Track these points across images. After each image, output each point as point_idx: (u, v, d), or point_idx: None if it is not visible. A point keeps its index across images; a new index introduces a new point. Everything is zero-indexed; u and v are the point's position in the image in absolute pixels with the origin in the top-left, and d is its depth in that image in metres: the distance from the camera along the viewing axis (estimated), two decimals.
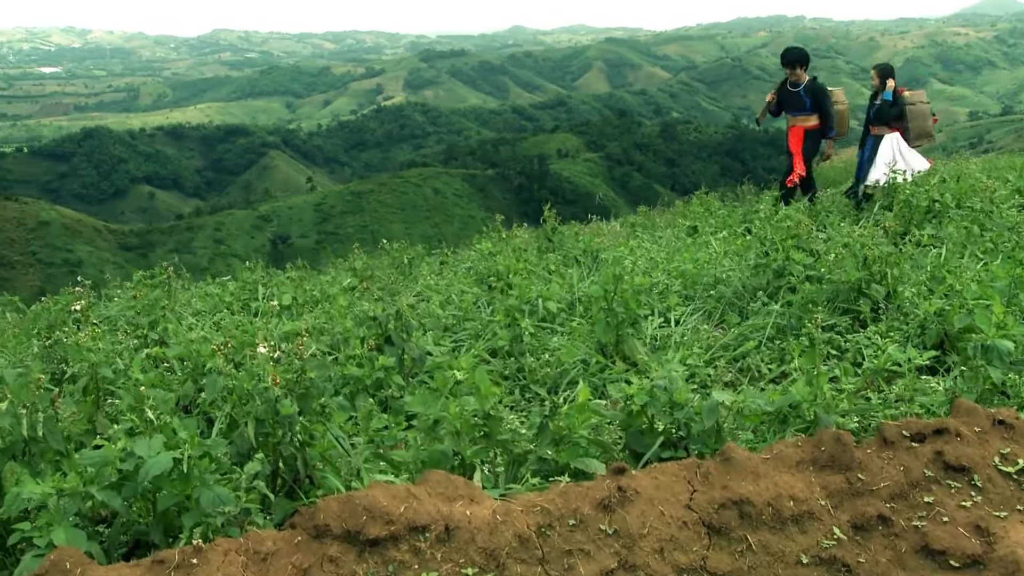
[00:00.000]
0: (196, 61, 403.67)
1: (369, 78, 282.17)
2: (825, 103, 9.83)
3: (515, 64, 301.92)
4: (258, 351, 3.04)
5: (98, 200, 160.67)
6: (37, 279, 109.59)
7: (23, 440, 2.82)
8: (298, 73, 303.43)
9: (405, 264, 8.20)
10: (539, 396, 4.59)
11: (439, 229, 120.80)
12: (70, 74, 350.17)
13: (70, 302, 6.27)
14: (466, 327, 5.73)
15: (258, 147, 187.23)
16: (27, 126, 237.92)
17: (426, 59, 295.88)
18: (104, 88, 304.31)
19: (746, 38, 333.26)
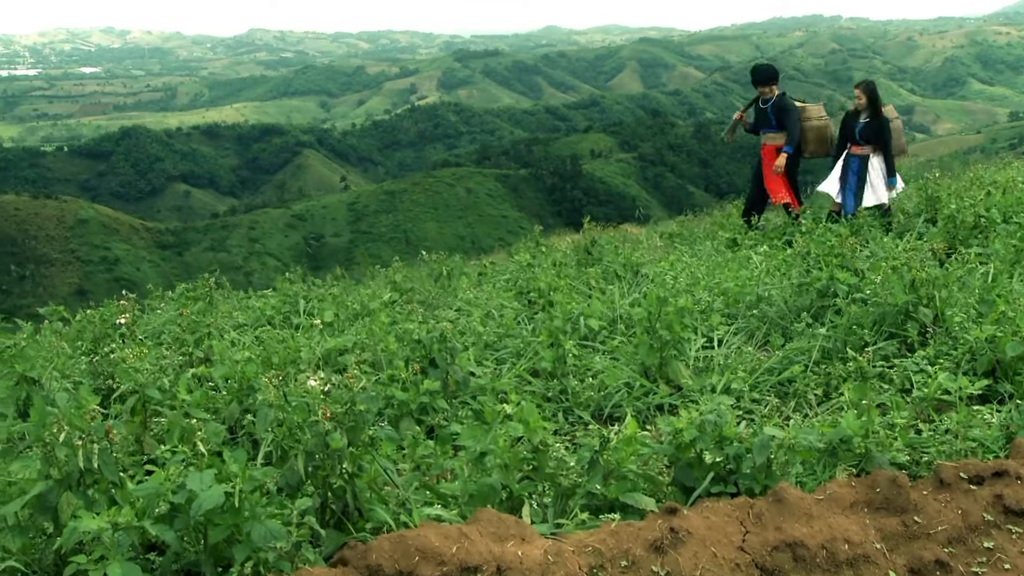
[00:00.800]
0: (232, 61, 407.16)
1: (403, 78, 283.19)
2: (786, 119, 9.47)
3: (549, 64, 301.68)
4: (309, 384, 3.04)
5: (135, 198, 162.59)
6: (76, 276, 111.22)
7: (79, 471, 2.85)
8: (333, 73, 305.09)
9: (444, 276, 8.21)
10: (582, 420, 4.57)
11: (472, 229, 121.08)
12: (109, 74, 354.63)
13: (115, 315, 6.33)
14: (507, 344, 5.72)
15: (293, 146, 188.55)
16: (67, 125, 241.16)
17: (460, 59, 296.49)
18: (142, 88, 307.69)
19: (781, 38, 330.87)
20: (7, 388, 4.56)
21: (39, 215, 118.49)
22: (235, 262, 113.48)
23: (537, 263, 8.33)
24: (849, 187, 9.35)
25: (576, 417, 4.64)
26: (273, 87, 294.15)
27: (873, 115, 9.23)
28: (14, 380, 4.60)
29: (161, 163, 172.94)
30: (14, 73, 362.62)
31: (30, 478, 2.88)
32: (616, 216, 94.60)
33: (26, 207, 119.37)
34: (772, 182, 9.64)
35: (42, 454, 2.87)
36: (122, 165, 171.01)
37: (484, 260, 26.30)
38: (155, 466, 3.97)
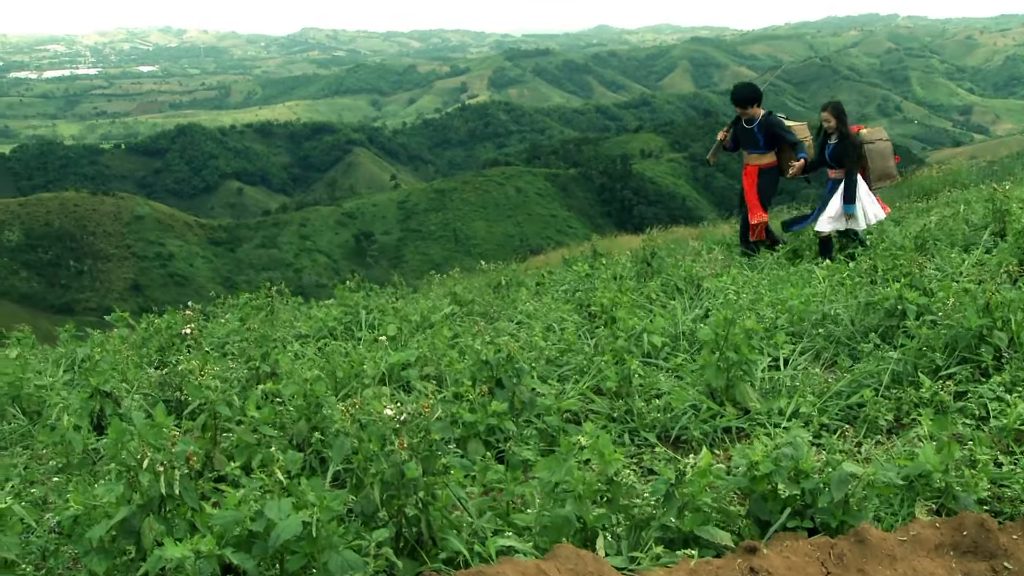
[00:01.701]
0: (285, 59, 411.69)
1: (454, 76, 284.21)
2: (785, 136, 9.19)
3: (599, 63, 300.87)
4: (384, 413, 3.06)
5: (189, 195, 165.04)
6: (131, 272, 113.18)
7: (160, 496, 2.89)
8: (384, 71, 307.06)
9: (503, 286, 8.21)
10: (648, 442, 4.54)
11: (521, 228, 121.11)
12: (166, 73, 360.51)
13: (180, 324, 6.42)
14: (569, 361, 5.70)
15: (344, 144, 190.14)
16: (125, 123, 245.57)
17: (511, 58, 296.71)
18: (197, 86, 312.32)
19: (836, 37, 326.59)
20: (82, 400, 4.64)
21: (97, 211, 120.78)
22: (286, 259, 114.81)
23: (596, 274, 8.30)
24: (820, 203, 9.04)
25: (642, 439, 4.61)
26: (325, 85, 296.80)
27: (840, 137, 8.81)
28: (88, 392, 4.68)
29: (215, 161, 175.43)
30: (75, 72, 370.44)
31: (113, 501, 2.93)
32: (665, 216, 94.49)
33: (85, 203, 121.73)
34: (752, 199, 9.35)
35: (125, 479, 2.91)
36: (177, 162, 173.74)
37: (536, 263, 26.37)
38: (224, 483, 4.02)
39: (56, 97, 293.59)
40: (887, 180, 9.20)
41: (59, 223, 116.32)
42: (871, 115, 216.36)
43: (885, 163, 9.01)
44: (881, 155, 9.00)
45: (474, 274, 9.16)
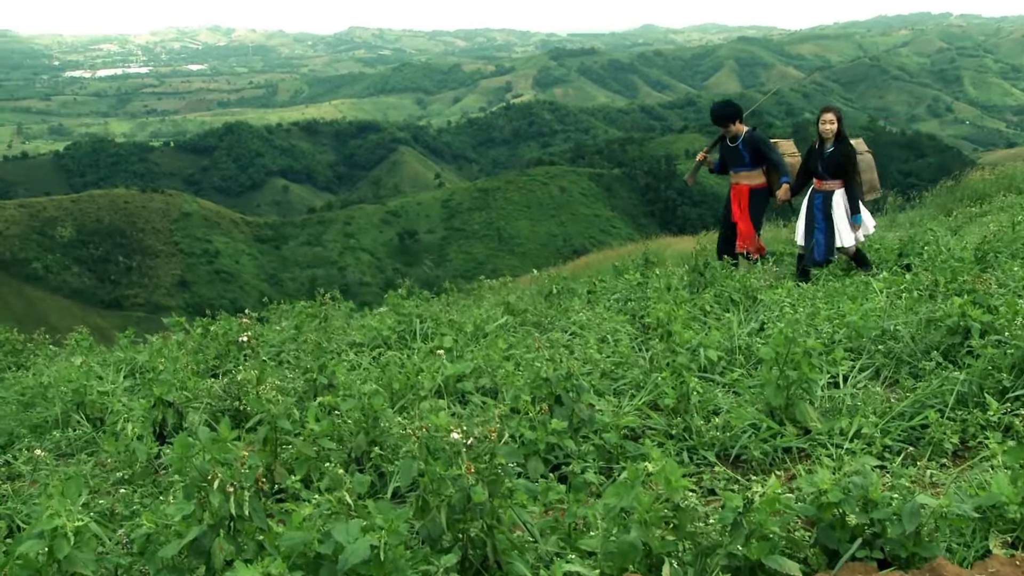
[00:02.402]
0: (332, 58, 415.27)
1: (499, 76, 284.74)
2: (769, 153, 8.80)
3: (645, 63, 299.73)
4: (451, 437, 3.06)
5: (236, 192, 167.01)
6: (178, 268, 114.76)
7: (230, 516, 2.92)
8: (429, 70, 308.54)
9: (555, 294, 8.19)
10: (707, 460, 4.50)
11: (564, 228, 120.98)
12: (215, 71, 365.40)
13: (237, 332, 6.49)
14: (625, 374, 5.67)
15: (388, 143, 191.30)
16: (174, 121, 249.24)
17: (556, 57, 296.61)
18: (245, 84, 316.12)
19: (885, 37, 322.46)
20: (145, 410, 4.70)
21: (146, 208, 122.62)
22: (330, 257, 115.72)
23: (649, 283, 8.26)
24: (819, 228, 8.50)
25: (701, 457, 4.57)
26: (371, 84, 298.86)
27: (840, 140, 8.44)
28: (151, 402, 4.74)
29: (261, 158, 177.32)
30: (128, 71, 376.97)
31: (183, 520, 2.96)
32: (710, 217, 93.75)
33: (134, 200, 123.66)
34: (745, 223, 8.96)
35: (196, 499, 2.95)
36: (224, 160, 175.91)
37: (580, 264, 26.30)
38: (285, 495, 4.06)
39: (108, 95, 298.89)
40: (875, 192, 8.92)
41: (109, 220, 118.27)
42: (921, 115, 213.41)
43: (872, 175, 8.78)
44: (869, 167, 8.76)
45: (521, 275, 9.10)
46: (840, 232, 8.46)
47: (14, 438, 5.01)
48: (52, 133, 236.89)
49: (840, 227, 8.45)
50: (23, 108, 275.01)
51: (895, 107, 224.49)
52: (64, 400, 5.15)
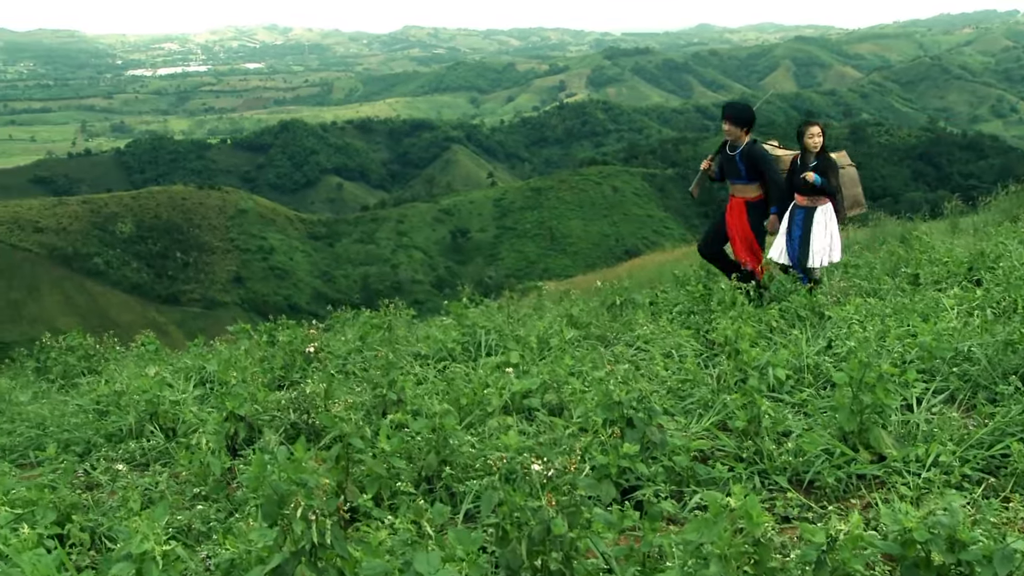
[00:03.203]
0: (387, 57, 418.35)
1: (552, 75, 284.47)
2: (767, 170, 8.24)
3: (699, 63, 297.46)
4: (532, 468, 3.06)
5: (290, 190, 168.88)
6: (234, 264, 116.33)
7: (312, 544, 2.94)
8: (483, 69, 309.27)
9: (617, 306, 8.16)
10: (779, 485, 4.45)
11: (617, 228, 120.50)
12: (271, 70, 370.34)
13: (303, 341, 6.55)
14: (692, 392, 5.62)
15: (442, 141, 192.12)
16: (231, 119, 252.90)
17: (610, 56, 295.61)
18: (301, 83, 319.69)
19: (948, 35, 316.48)
20: (218, 423, 4.77)
21: (203, 205, 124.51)
22: (383, 255, 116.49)
23: (712, 296, 8.19)
24: (793, 240, 8.15)
25: (772, 482, 4.51)
26: (425, 83, 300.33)
27: (823, 151, 8.08)
28: (224, 416, 4.80)
29: (316, 156, 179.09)
30: (187, 70, 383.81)
31: (266, 546, 2.99)
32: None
33: (192, 197, 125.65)
34: (741, 242, 8.51)
35: (279, 526, 2.98)
36: (280, 158, 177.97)
37: (633, 265, 26.01)
38: (358, 514, 4.08)
39: (168, 94, 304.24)
40: (858, 208, 8.51)
41: (168, 216, 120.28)
42: (984, 116, 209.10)
43: (855, 190, 8.37)
44: (852, 181, 8.36)
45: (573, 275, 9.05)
46: (813, 252, 8.09)
47: (91, 446, 5.10)
48: (114, 131, 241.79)
49: (815, 247, 8.07)
50: (87, 106, 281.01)
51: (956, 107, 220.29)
52: (138, 410, 5.24)
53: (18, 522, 3.63)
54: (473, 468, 4.44)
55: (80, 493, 4.29)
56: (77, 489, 4.39)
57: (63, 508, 3.86)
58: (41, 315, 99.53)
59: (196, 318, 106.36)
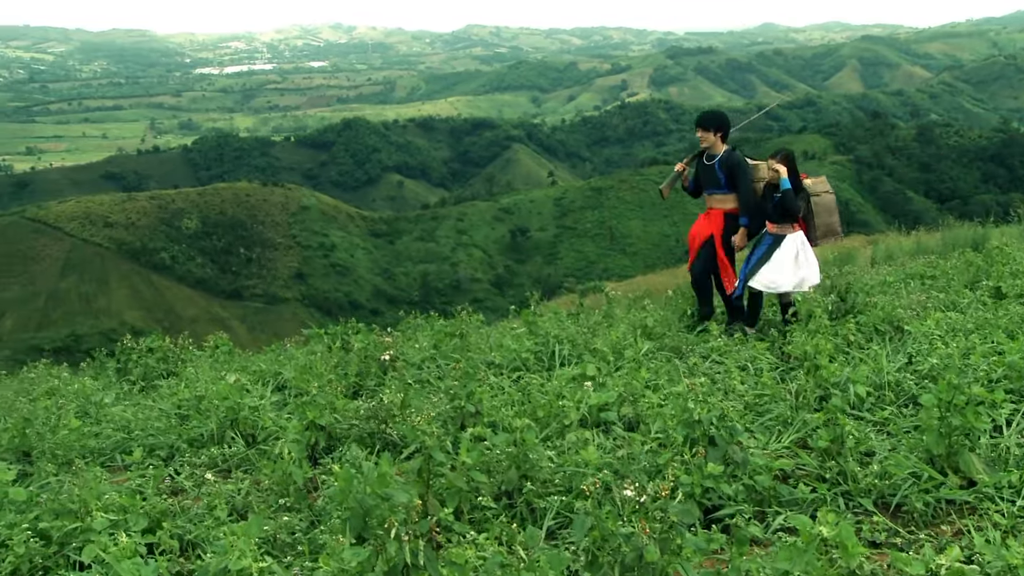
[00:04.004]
0: (449, 55, 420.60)
1: (614, 74, 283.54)
2: (741, 181, 7.84)
3: (763, 62, 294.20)
4: (624, 493, 3.04)
5: (352, 187, 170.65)
6: (295, 260, 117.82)
7: (404, 564, 2.96)
8: (545, 68, 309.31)
9: (689, 315, 8.09)
10: (864, 508, 4.36)
11: (677, 228, 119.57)
12: (335, 68, 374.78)
13: (377, 348, 6.59)
14: (770, 408, 5.54)
15: (503, 140, 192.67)
16: (295, 117, 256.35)
17: (672, 56, 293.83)
18: (364, 81, 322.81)
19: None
20: (299, 432, 4.82)
21: (267, 202, 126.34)
22: (442, 252, 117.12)
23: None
24: (748, 261, 7.84)
25: (856, 504, 4.43)
26: (486, 81, 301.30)
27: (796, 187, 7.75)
28: (304, 425, 4.85)
29: (378, 154, 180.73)
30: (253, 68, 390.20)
31: (359, 565, 3.01)
32: None
33: (256, 194, 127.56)
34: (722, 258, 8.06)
35: (372, 546, 3.00)
36: (342, 155, 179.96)
37: None
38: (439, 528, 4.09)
39: (234, 92, 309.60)
40: (832, 237, 8.11)
41: (232, 212, 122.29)
42: None
43: (830, 218, 7.97)
44: (827, 209, 7.97)
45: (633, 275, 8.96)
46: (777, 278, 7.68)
47: (174, 451, 5.19)
48: (182, 128, 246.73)
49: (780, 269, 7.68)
50: (156, 104, 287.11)
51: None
52: (219, 416, 5.32)
53: (114, 528, 3.71)
54: (552, 483, 4.43)
55: (166, 498, 4.36)
56: (163, 493, 4.47)
57: (153, 514, 3.93)
58: (110, 308, 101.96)
59: (258, 313, 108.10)
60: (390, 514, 3.71)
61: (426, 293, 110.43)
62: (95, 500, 3.84)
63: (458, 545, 3.56)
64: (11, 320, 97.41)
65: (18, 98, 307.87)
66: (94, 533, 3.62)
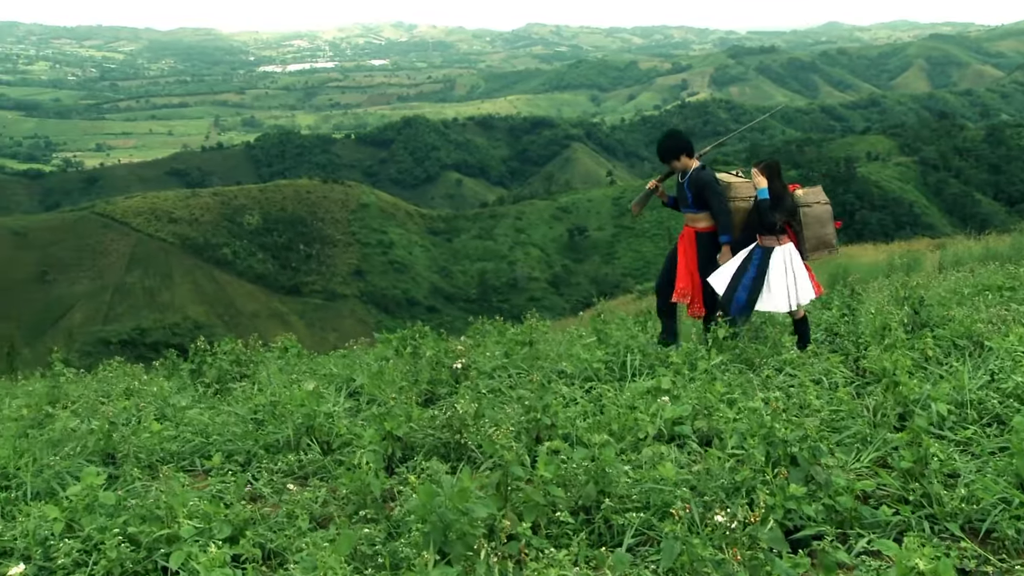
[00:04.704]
0: (509, 54, 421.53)
1: (675, 74, 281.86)
2: (711, 199, 7.53)
3: (827, 62, 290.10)
4: (716, 519, 3.01)
5: (411, 185, 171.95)
6: (354, 257, 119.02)
7: None
8: (605, 67, 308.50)
9: (758, 326, 7.98)
10: (951, 533, 4.26)
11: None
12: (396, 66, 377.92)
13: (451, 357, 6.61)
14: (847, 425, 5.44)
15: (561, 139, 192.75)
16: (356, 114, 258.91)
17: (734, 55, 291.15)
18: (424, 79, 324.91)
19: None
20: (375, 441, 4.85)
21: (327, 198, 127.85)
22: (500, 251, 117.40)
23: (857, 317, 7.95)
24: (743, 285, 7.46)
25: (942, 528, 4.33)
26: (546, 80, 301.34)
27: (773, 199, 7.42)
28: (381, 435, 4.88)
29: (437, 152, 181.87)
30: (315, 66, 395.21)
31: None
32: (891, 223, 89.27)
33: (316, 191, 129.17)
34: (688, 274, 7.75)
35: (461, 567, 3.00)
36: (401, 153, 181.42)
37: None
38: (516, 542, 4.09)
39: (296, 89, 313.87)
40: (824, 250, 7.69)
41: (292, 209, 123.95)
42: None
43: (823, 230, 7.59)
44: (819, 220, 7.57)
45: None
46: (773, 295, 7.44)
47: (251, 456, 5.26)
48: (244, 125, 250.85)
49: (775, 289, 7.43)
50: (220, 101, 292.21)
51: None
52: (294, 423, 5.38)
53: (200, 537, 3.77)
54: (629, 499, 4.41)
55: (245, 504, 4.42)
56: (242, 499, 4.52)
57: (236, 522, 3.98)
58: (173, 302, 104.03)
59: (317, 309, 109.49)
60: (470, 528, 3.73)
61: (483, 291, 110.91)
62: (182, 507, 3.90)
63: (537, 561, 3.55)
64: (80, 313, 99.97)
65: (90, 96, 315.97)
66: (182, 542, 3.68)
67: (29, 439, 5.42)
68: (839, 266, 25.54)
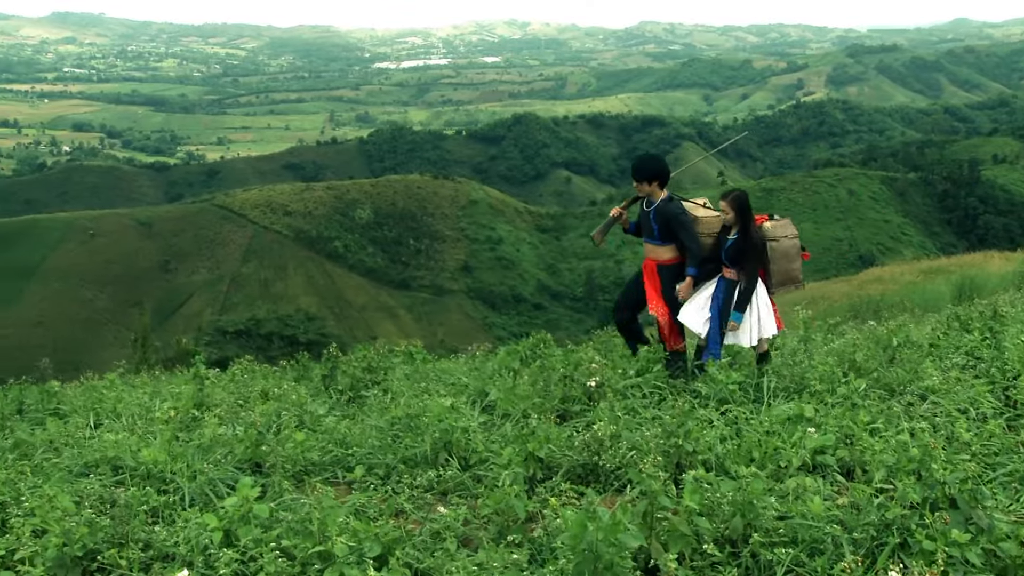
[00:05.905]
0: (621, 52, 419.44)
1: (790, 73, 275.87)
2: (680, 232, 7.09)
3: (952, 60, 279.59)
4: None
5: (520, 182, 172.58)
6: (462, 253, 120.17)
7: None
8: (718, 66, 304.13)
9: (894, 347, 7.73)
10: None
11: (850, 232, 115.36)
12: (508, 63, 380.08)
13: (577, 371, 6.58)
14: (1003, 462, 5.21)
15: (672, 138, 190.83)
16: (467, 111, 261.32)
17: (852, 54, 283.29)
18: (535, 77, 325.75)
19: None
20: (518, 462, 4.86)
21: (437, 194, 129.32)
22: (608, 250, 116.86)
23: (1001, 342, 7.62)
24: (712, 316, 7.14)
25: None
26: (658, 79, 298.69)
27: (741, 233, 7.04)
28: (523, 456, 4.89)
29: (547, 149, 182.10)
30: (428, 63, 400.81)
31: None
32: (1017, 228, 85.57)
33: (427, 186, 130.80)
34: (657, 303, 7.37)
35: None
36: (511, 150, 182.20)
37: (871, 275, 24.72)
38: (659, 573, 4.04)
39: (409, 86, 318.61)
40: (790, 284, 7.39)
41: (403, 204, 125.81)
42: None
43: (790, 265, 7.27)
44: (786, 255, 7.25)
45: (807, 279, 8.48)
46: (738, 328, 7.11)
47: (390, 470, 5.33)
48: (358, 120, 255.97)
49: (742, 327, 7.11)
50: (336, 97, 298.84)
51: None
52: (432, 437, 5.43)
53: (354, 554, 3.84)
54: (776, 532, 4.31)
55: (388, 519, 4.48)
56: (386, 514, 4.59)
57: (385, 541, 4.03)
58: (286, 293, 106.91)
59: (425, 304, 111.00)
60: (620, 560, 3.72)
61: (590, 290, 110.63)
62: (334, 524, 3.98)
63: None
64: (198, 302, 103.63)
65: (213, 91, 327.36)
66: (337, 561, 3.74)
67: (180, 443, 5.61)
68: (965, 277, 24.54)
